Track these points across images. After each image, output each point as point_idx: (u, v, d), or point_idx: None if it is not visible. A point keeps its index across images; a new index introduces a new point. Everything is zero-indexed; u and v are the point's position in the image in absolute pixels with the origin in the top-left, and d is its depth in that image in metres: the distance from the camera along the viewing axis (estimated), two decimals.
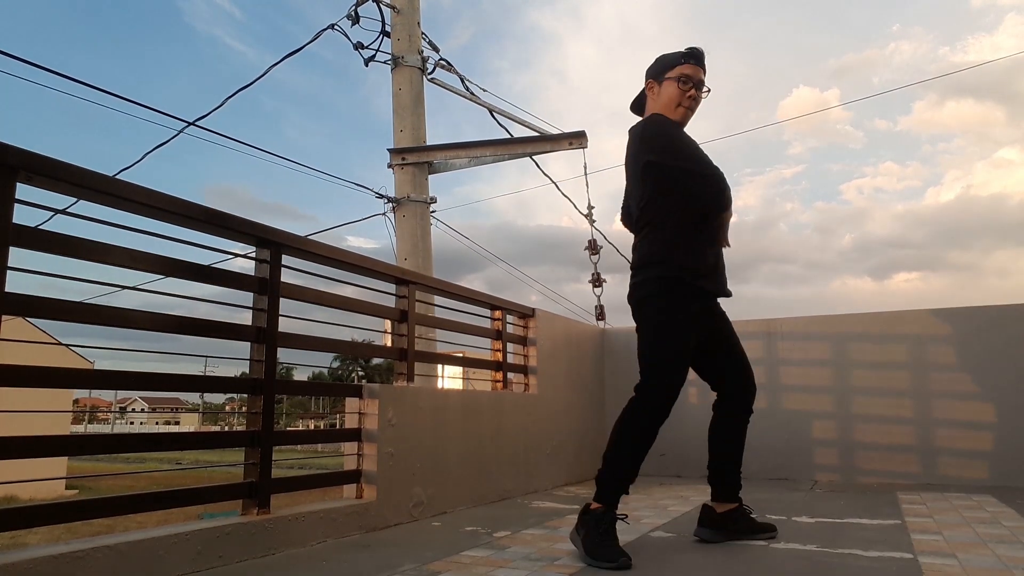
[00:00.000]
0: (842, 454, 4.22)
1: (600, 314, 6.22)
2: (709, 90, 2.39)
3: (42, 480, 1.91)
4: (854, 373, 4.26)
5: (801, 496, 3.53)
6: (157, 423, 70.00)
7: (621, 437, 2.24)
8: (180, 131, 6.03)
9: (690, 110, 2.36)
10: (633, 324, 2.38)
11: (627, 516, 2.27)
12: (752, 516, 2.47)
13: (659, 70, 2.39)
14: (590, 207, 6.97)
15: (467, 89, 7.07)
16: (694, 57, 2.35)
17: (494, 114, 7.01)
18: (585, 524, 2.14)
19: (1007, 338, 3.93)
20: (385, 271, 3.10)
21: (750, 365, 2.54)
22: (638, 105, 2.52)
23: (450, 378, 5.45)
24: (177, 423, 67.83)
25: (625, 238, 2.51)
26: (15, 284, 1.68)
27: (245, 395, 2.36)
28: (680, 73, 2.34)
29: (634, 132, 2.43)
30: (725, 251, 2.42)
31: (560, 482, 4.08)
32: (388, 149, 6.67)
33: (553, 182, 7.46)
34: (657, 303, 2.28)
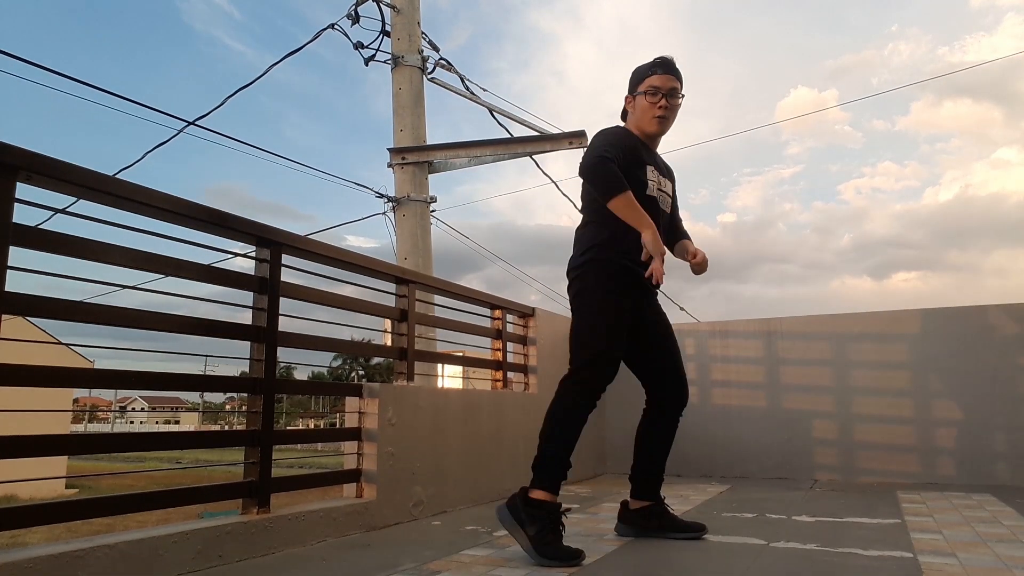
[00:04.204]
0: (842, 454, 4.22)
1: None
2: (683, 96, 2.43)
3: (42, 480, 1.91)
4: (854, 373, 4.26)
5: (801, 496, 3.53)
6: (157, 422, 70.00)
7: (552, 421, 2.28)
8: (180, 131, 6.04)
9: (665, 119, 2.40)
10: None
11: (571, 509, 2.28)
12: (673, 513, 2.48)
13: (632, 85, 2.47)
14: None
15: (467, 89, 7.07)
16: (662, 66, 2.39)
17: (494, 114, 7.01)
18: (536, 520, 2.11)
19: (1006, 337, 3.93)
20: (385, 270, 3.10)
21: (684, 373, 2.50)
22: (624, 120, 2.56)
23: (450, 377, 5.46)
24: (177, 422, 67.84)
25: None
26: (15, 284, 1.68)
27: (245, 394, 2.36)
28: (649, 85, 2.39)
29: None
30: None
31: None
32: (388, 149, 6.67)
33: (553, 181, 7.49)
34: (588, 285, 2.33)
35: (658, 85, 2.36)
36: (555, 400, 2.30)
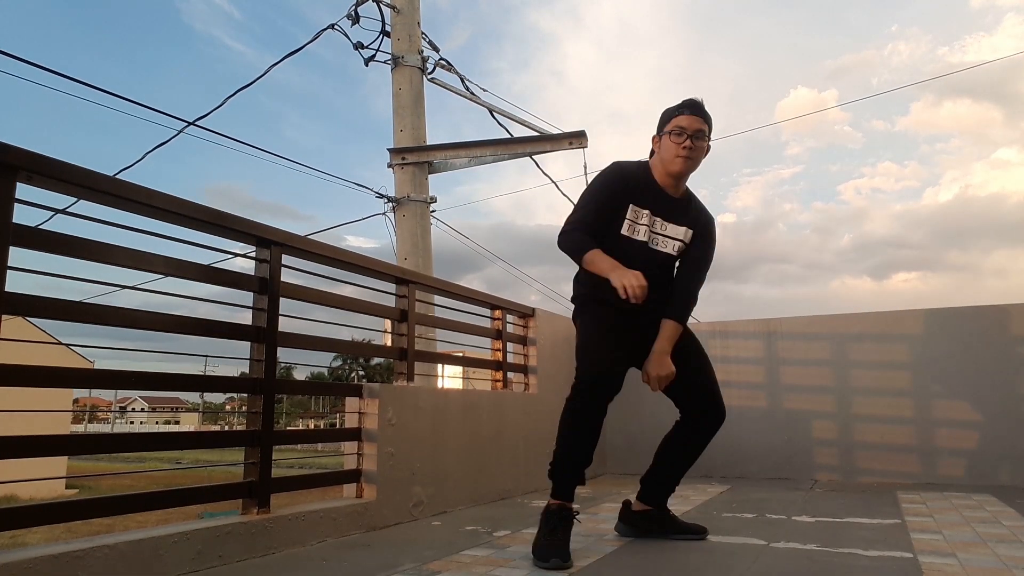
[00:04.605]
0: (842, 454, 4.22)
1: None
2: (709, 144, 2.40)
3: (42, 480, 1.91)
4: (854, 373, 4.26)
5: (801, 496, 3.53)
6: (157, 423, 69.98)
7: (558, 432, 2.30)
8: (180, 131, 6.05)
9: (689, 159, 2.35)
10: None
11: (579, 513, 2.27)
12: (674, 514, 2.50)
13: (660, 125, 2.44)
14: None
15: (467, 89, 7.08)
16: (690, 107, 2.36)
17: (494, 114, 7.02)
18: (540, 525, 2.19)
19: (1006, 338, 3.93)
20: (385, 271, 3.10)
21: (716, 389, 2.44)
22: (651, 158, 2.53)
23: (450, 378, 5.46)
24: (177, 423, 67.83)
25: None
26: (15, 284, 1.68)
27: (245, 395, 2.36)
28: (675, 125, 2.35)
29: None
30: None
31: None
32: (388, 149, 6.67)
33: (553, 182, 7.49)
34: (577, 318, 2.44)
35: (684, 126, 2.33)
36: (561, 414, 2.33)
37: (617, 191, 2.38)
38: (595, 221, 2.35)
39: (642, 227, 2.38)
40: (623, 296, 2.13)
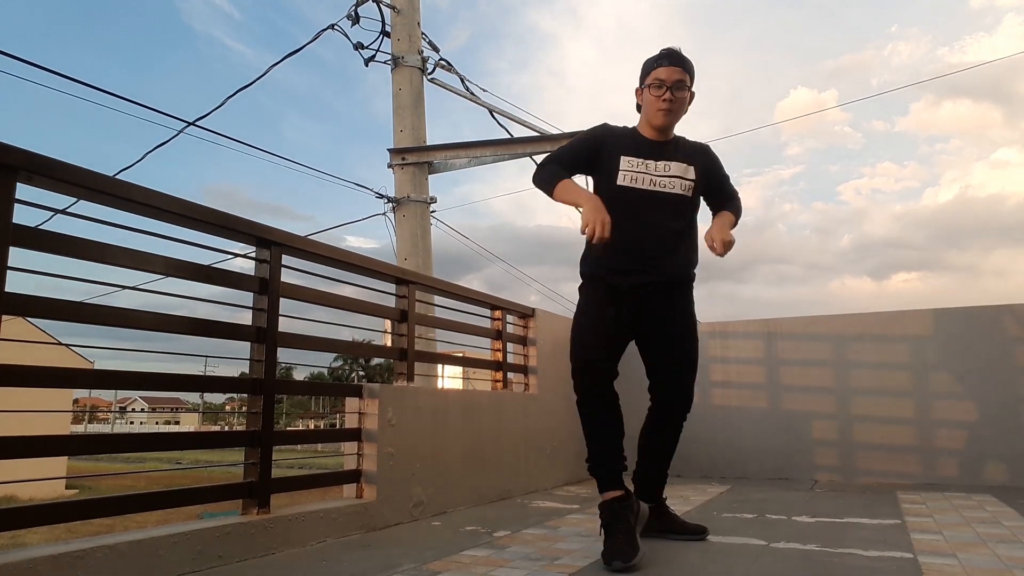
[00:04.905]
0: (842, 454, 4.22)
1: None
2: (692, 90, 2.38)
3: (42, 480, 1.91)
4: (854, 373, 4.26)
5: (801, 496, 3.53)
6: (157, 423, 69.98)
7: (582, 428, 2.32)
8: (180, 131, 6.05)
9: (670, 112, 2.34)
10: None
11: (631, 497, 2.24)
12: (674, 514, 2.51)
13: (641, 78, 2.43)
14: None
15: (467, 89, 7.08)
16: (668, 58, 2.34)
17: (494, 114, 7.02)
18: (600, 527, 2.19)
19: (1006, 338, 3.93)
20: (385, 271, 3.10)
21: (682, 380, 2.42)
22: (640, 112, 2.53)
23: (450, 378, 5.46)
24: (177, 423, 67.82)
25: None
26: (15, 284, 1.68)
27: (245, 395, 2.36)
28: (654, 78, 2.34)
29: None
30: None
31: (560, 482, 4.08)
32: (388, 149, 6.68)
33: None
34: (580, 294, 2.46)
35: (663, 78, 2.32)
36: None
37: (596, 142, 2.41)
38: (572, 161, 2.40)
39: (642, 175, 2.35)
40: (586, 233, 2.11)
